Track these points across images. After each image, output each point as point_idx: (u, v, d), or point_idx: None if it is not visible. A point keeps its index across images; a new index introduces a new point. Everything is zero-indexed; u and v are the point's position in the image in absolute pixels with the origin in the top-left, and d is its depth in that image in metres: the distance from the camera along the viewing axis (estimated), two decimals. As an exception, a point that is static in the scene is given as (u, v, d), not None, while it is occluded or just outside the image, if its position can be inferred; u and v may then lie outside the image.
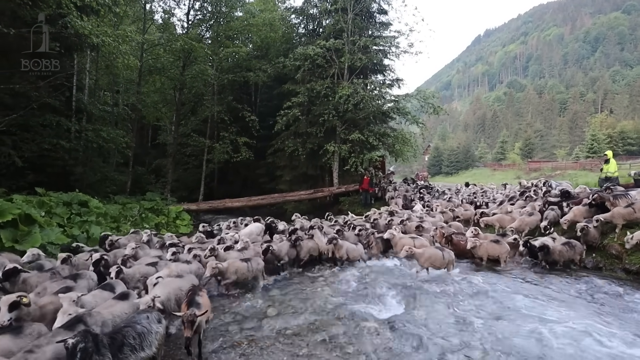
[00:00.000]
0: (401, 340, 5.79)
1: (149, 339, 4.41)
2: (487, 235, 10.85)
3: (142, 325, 4.45)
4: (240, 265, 7.93)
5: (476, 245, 9.73)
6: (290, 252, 9.91)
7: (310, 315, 6.77)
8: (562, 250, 9.21)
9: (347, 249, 10.02)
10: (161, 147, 34.48)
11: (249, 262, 8.14)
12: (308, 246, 10.24)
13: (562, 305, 7.00)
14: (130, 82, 26.80)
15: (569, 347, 5.43)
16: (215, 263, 7.49)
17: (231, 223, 14.62)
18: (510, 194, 16.86)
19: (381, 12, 28.81)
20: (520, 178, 49.66)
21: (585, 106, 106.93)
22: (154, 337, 4.51)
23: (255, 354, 5.44)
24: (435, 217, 14.26)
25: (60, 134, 17.64)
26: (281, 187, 28.65)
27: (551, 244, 9.28)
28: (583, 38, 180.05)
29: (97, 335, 3.87)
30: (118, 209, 16.02)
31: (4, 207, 9.53)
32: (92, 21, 16.05)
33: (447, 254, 8.80)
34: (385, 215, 14.24)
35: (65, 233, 11.07)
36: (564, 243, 9.42)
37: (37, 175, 15.69)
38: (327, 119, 24.21)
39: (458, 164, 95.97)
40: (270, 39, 30.63)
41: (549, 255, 9.15)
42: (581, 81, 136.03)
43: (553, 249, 9.15)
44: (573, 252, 9.29)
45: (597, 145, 67.10)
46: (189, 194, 29.11)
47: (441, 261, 8.62)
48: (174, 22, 28.36)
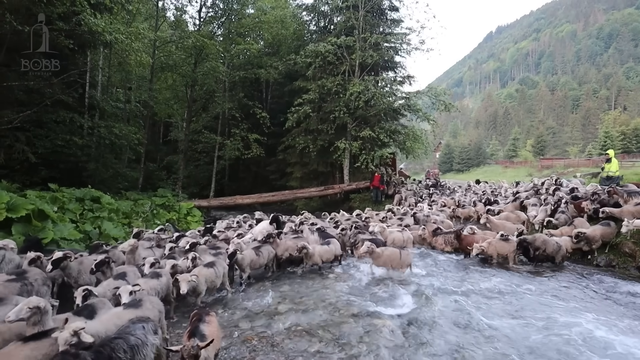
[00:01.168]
0: (412, 339, 5.75)
1: (143, 352, 3.92)
2: (486, 233, 10.91)
3: (137, 337, 3.96)
4: (207, 272, 7.00)
5: (484, 249, 9.58)
6: (258, 261, 8.58)
7: (321, 312, 6.74)
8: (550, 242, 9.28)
9: (320, 253, 9.17)
10: (173, 144, 34.75)
11: (215, 267, 7.23)
12: (286, 245, 9.36)
13: (575, 304, 6.94)
14: (142, 79, 26.98)
15: (582, 346, 5.37)
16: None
17: (234, 222, 14.04)
18: (522, 192, 16.56)
19: (392, 9, 28.68)
20: (532, 175, 49.26)
21: (598, 103, 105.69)
22: (149, 350, 4.04)
23: (266, 350, 5.43)
24: (439, 215, 14.28)
25: (73, 130, 17.79)
26: (292, 183, 28.71)
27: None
28: (596, 34, 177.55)
29: (78, 355, 3.40)
30: (130, 205, 16.12)
31: (18, 203, 9.63)
32: (105, 18, 16.17)
33: (405, 255, 8.63)
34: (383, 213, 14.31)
35: (77, 229, 11.16)
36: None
37: (51, 171, 15.85)
38: (337, 115, 24.16)
39: (469, 161, 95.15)
40: (281, 36, 30.66)
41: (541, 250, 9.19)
42: (594, 78, 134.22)
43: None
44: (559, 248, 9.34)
45: (611, 143, 66.16)
46: (200, 191, 29.32)
47: (398, 262, 8.44)
48: (186, 20, 28.58)
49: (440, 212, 15.14)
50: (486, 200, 15.75)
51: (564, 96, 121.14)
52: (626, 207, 9.74)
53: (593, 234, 9.53)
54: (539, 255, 9.31)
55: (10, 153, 14.16)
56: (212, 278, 7.00)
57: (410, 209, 15.60)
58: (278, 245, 9.32)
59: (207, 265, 7.21)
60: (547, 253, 9.25)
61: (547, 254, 9.28)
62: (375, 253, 8.52)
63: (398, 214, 14.77)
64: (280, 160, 30.32)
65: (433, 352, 5.36)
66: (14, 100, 14.58)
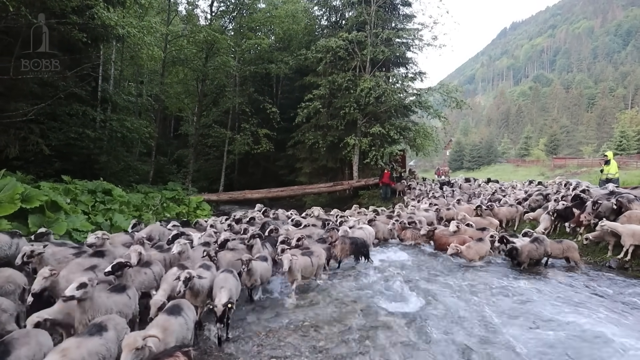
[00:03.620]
0: (419, 336, 5.77)
1: None
2: (466, 229, 10.92)
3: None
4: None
5: (459, 250, 9.35)
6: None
7: (328, 307, 6.79)
8: (532, 249, 9.04)
9: (261, 274, 7.07)
10: (183, 138, 34.96)
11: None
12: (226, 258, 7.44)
13: (583, 305, 6.88)
14: (154, 73, 27.19)
15: (590, 347, 5.34)
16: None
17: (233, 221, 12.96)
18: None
19: (405, 4, 28.59)
20: (544, 175, 48.84)
21: (614, 102, 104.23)
22: None
23: (273, 344, 5.49)
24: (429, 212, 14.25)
25: (86, 123, 18.00)
26: (301, 179, 28.79)
27: (519, 244, 9.16)
28: (614, 31, 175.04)
29: None
30: (140, 198, 16.26)
31: (32, 194, 9.78)
32: (118, 12, 16.28)
33: (315, 261, 8.04)
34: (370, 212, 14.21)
35: (89, 220, 11.30)
36: (532, 240, 9.24)
37: (64, 163, 16.04)
38: (348, 111, 24.13)
39: (480, 159, 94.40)
40: (292, 31, 30.64)
41: (519, 256, 9.00)
42: (611, 76, 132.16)
43: (522, 249, 8.99)
44: (543, 249, 9.12)
45: (626, 143, 65.32)
46: (210, 185, 29.52)
47: (311, 269, 7.91)
48: (197, 14, 28.66)
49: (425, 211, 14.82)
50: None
51: (579, 94, 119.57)
52: (630, 213, 9.53)
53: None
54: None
55: (25, 145, 14.35)
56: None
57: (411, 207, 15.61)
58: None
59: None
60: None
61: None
62: (292, 261, 7.23)
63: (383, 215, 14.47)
64: (290, 156, 30.41)
65: (440, 350, 5.37)
66: (29, 93, 14.75)
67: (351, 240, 9.45)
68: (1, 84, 13.04)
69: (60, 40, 14.50)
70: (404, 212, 14.38)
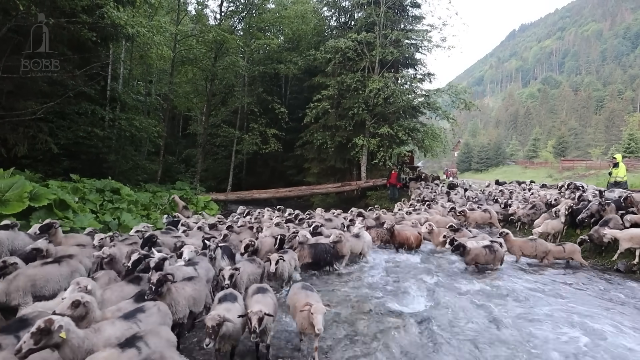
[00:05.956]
0: (426, 337, 5.70)
1: None
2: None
3: None
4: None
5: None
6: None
7: (334, 308, 6.72)
8: (480, 253, 8.99)
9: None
10: (191, 137, 35.04)
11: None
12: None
13: (592, 307, 6.81)
14: (163, 73, 27.26)
15: (595, 351, 5.26)
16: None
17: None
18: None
19: (414, 6, 28.48)
20: (552, 177, 48.42)
21: (623, 104, 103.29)
22: None
23: (279, 345, 5.43)
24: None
25: (95, 122, 18.07)
26: (309, 179, 28.77)
27: (470, 245, 9.12)
28: (623, 34, 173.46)
29: None
30: (148, 197, 16.31)
31: (41, 192, 9.80)
32: (127, 12, 16.32)
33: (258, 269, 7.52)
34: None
35: (97, 219, 11.32)
36: (485, 246, 9.17)
37: (72, 162, 16.13)
38: (356, 112, 24.07)
39: (488, 161, 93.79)
40: (301, 31, 30.66)
41: (467, 255, 8.97)
42: (620, 78, 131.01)
43: (470, 250, 8.95)
44: (493, 256, 9.05)
45: (635, 145, 64.54)
46: (218, 184, 29.57)
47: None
48: (207, 14, 28.68)
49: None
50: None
51: (587, 97, 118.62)
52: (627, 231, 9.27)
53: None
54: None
55: (34, 143, 14.42)
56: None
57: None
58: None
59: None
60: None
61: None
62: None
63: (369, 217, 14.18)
64: (298, 156, 30.39)
65: (448, 351, 5.30)
66: (38, 92, 14.81)
67: (310, 246, 8.86)
68: (11, 82, 13.09)
69: (69, 39, 14.57)
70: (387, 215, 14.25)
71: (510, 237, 9.78)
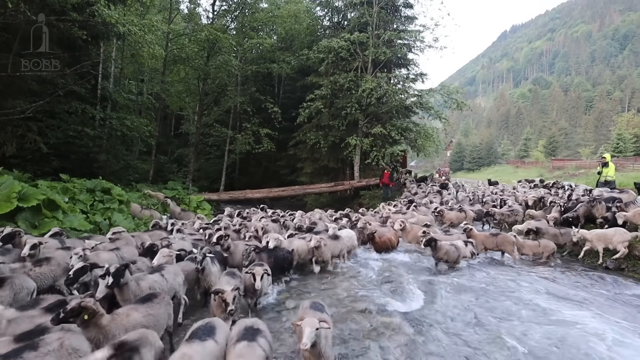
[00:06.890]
0: (420, 336, 5.69)
1: None
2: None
3: None
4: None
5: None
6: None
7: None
8: (450, 250, 9.09)
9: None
10: (184, 137, 34.89)
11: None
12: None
13: (585, 305, 6.86)
14: (155, 72, 27.03)
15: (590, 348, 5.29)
16: None
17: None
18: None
19: (407, 6, 28.55)
20: (543, 176, 48.71)
21: (612, 105, 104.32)
22: None
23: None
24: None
25: (85, 121, 17.83)
26: (302, 179, 28.73)
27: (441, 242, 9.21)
28: (612, 35, 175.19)
29: None
30: (140, 197, 16.17)
31: (29, 192, 9.65)
32: (119, 10, 16.19)
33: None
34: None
35: (88, 219, 11.19)
36: (452, 244, 9.30)
37: (62, 162, 15.92)
38: (349, 112, 24.07)
39: (480, 160, 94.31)
40: (294, 31, 30.62)
41: (437, 251, 9.02)
42: (608, 79, 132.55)
43: (440, 247, 9.01)
44: (458, 255, 9.19)
45: (623, 145, 65.23)
46: (210, 184, 29.41)
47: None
48: (199, 12, 28.54)
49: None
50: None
51: (577, 97, 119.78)
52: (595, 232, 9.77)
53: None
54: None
55: (22, 143, 14.23)
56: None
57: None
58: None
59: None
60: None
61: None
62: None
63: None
64: (291, 156, 30.34)
65: (441, 351, 5.28)
66: (27, 90, 14.61)
67: (268, 254, 7.99)
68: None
69: (60, 37, 14.38)
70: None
71: (474, 232, 10.28)
